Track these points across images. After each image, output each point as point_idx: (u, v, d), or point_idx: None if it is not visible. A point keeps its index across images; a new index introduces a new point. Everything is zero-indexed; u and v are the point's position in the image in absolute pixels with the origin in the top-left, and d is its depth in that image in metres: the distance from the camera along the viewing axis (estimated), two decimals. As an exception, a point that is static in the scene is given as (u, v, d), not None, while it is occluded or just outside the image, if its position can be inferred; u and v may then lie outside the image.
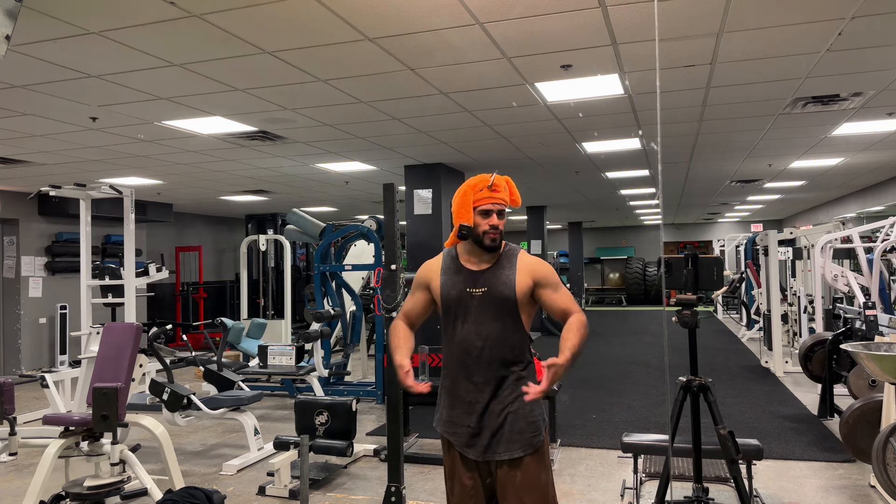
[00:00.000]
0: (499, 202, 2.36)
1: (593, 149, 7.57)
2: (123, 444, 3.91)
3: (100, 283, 6.29)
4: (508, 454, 2.29)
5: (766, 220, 20.90)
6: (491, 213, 2.35)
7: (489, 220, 2.34)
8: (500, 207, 2.36)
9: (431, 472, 4.87)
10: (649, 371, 8.84)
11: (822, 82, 4.94)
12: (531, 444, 2.31)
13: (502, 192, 2.38)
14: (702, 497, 3.15)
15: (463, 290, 2.37)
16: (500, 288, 2.33)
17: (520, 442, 2.30)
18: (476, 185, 2.37)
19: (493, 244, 2.35)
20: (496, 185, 2.36)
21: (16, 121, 5.54)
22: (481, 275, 2.37)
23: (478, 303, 2.34)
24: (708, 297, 16.95)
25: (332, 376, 7.61)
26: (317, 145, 6.91)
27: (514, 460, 2.30)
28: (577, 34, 3.82)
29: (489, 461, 2.33)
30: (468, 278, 2.38)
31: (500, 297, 2.33)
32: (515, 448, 2.29)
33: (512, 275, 2.35)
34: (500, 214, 2.37)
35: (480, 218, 2.35)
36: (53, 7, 3.27)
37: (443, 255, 2.50)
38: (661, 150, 8.12)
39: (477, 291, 2.35)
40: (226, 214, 14.94)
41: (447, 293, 2.39)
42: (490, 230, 2.34)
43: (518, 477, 2.29)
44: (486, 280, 2.35)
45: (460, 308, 2.36)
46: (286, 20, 3.52)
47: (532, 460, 2.31)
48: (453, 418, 2.38)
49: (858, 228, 7.49)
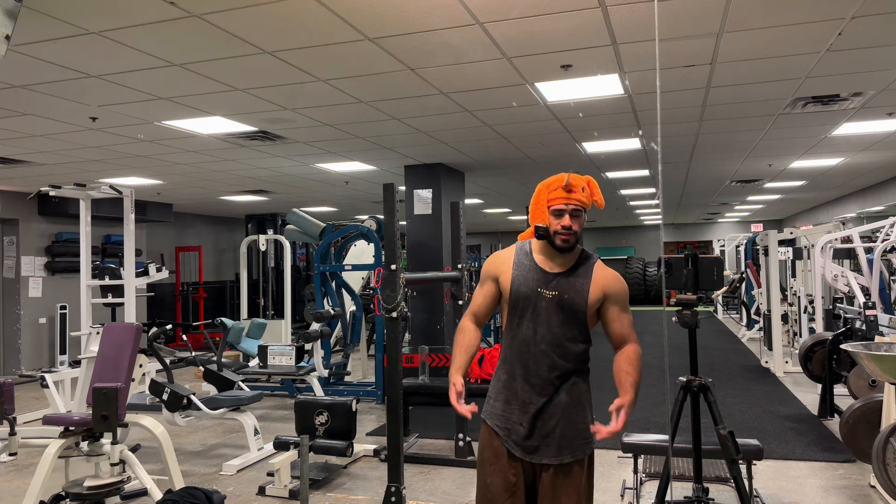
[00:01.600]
0: (573, 202, 2.28)
1: (593, 149, 7.56)
2: (123, 444, 3.91)
3: (100, 283, 6.29)
4: (558, 459, 2.27)
5: (766, 220, 20.90)
6: (563, 214, 2.28)
7: (561, 221, 2.28)
8: (573, 207, 2.28)
9: (431, 472, 4.87)
10: (649, 371, 8.79)
11: (822, 82, 4.94)
12: (582, 451, 2.29)
13: (577, 193, 2.29)
14: (702, 497, 3.15)
15: (534, 288, 2.31)
16: (572, 295, 2.28)
17: (570, 448, 2.28)
18: (551, 185, 2.33)
19: (564, 245, 2.28)
20: (571, 184, 2.29)
21: (16, 121, 5.54)
22: (555, 277, 2.31)
23: (546, 304, 2.29)
24: (708, 297, 16.95)
25: (332, 376, 7.62)
26: (317, 145, 6.91)
27: (562, 465, 2.27)
28: (577, 34, 3.82)
29: (534, 463, 2.30)
30: (541, 278, 2.32)
31: (571, 304, 2.28)
32: (566, 454, 2.27)
33: (587, 284, 2.30)
34: (573, 216, 2.28)
35: (553, 218, 2.30)
36: (53, 7, 3.27)
37: (515, 248, 2.43)
38: (661, 150, 8.11)
39: (548, 293, 2.29)
40: (226, 214, 14.94)
41: (517, 289, 2.32)
42: (562, 231, 2.27)
43: (561, 481, 2.27)
44: (559, 284, 2.30)
45: (528, 306, 2.30)
46: (286, 20, 3.52)
47: (578, 467, 2.29)
48: (506, 414, 2.33)
49: (858, 228, 7.49)
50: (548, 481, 2.28)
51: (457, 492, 4.42)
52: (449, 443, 5.47)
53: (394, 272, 3.73)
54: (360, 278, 9.89)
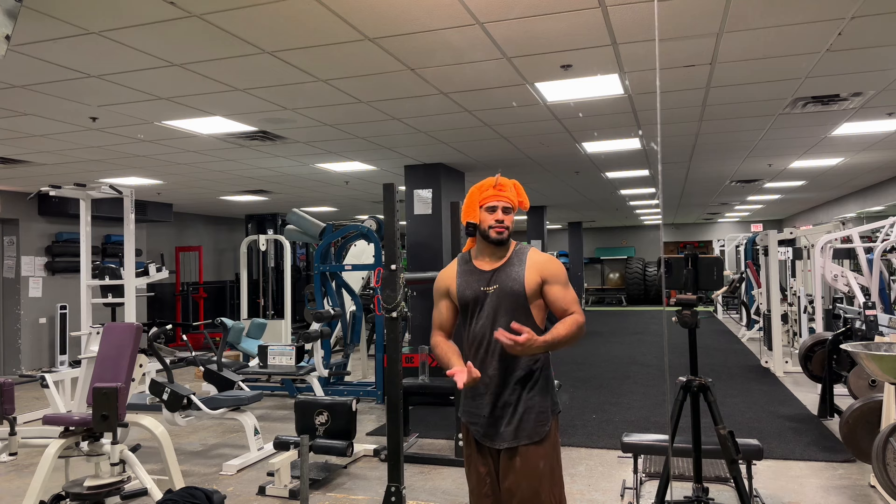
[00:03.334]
0: (503, 199, 2.48)
1: (593, 149, 7.57)
2: (123, 444, 3.92)
3: (100, 283, 6.29)
4: (514, 442, 2.40)
5: (766, 220, 20.90)
6: (496, 209, 2.47)
7: (494, 216, 2.47)
8: (504, 204, 2.48)
9: (431, 472, 4.87)
10: (649, 371, 8.84)
11: (822, 82, 4.94)
12: (536, 433, 2.41)
13: (507, 191, 2.51)
14: (702, 497, 3.15)
15: (477, 288, 2.49)
16: (510, 284, 2.44)
17: (525, 431, 2.40)
18: (482, 186, 2.53)
19: (498, 237, 2.46)
20: (501, 184, 2.51)
21: (16, 121, 5.54)
22: (493, 273, 2.48)
23: (491, 300, 2.45)
24: (708, 297, 16.95)
25: (332, 376, 7.62)
26: (317, 145, 6.91)
27: (514, 448, 2.40)
28: (577, 34, 3.82)
29: (492, 448, 2.46)
30: (481, 277, 2.50)
31: (511, 293, 2.43)
32: (521, 436, 2.40)
33: (521, 271, 2.45)
34: (505, 211, 2.48)
35: (486, 214, 2.48)
36: (53, 7, 3.27)
37: (457, 261, 2.63)
38: (661, 150, 8.12)
39: (490, 289, 2.47)
40: (226, 214, 14.94)
41: (463, 293, 2.51)
42: (495, 224, 2.46)
43: (517, 461, 2.39)
44: (497, 278, 2.47)
45: (476, 306, 2.48)
46: (286, 20, 3.52)
47: (535, 447, 2.40)
48: (471, 408, 2.51)
49: (858, 228, 7.49)
50: (504, 465, 2.42)
51: (457, 492, 4.42)
52: (449, 443, 5.47)
53: (394, 272, 3.73)
54: (360, 278, 9.89)
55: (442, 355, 2.52)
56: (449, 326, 2.62)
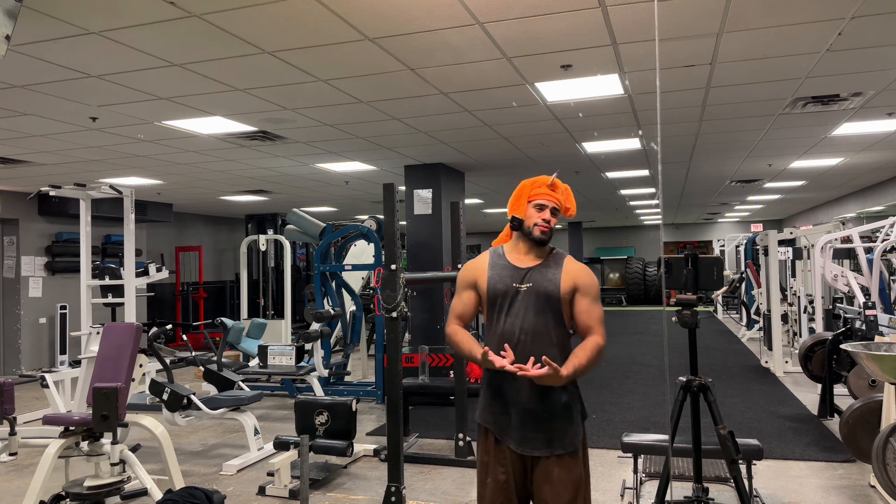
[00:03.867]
0: (553, 200, 2.45)
1: (593, 149, 7.57)
2: (123, 444, 3.91)
3: (100, 283, 6.29)
4: (549, 451, 2.32)
5: (766, 220, 20.90)
6: (545, 208, 2.43)
7: (541, 214, 2.42)
8: (554, 204, 2.44)
9: (431, 472, 4.87)
10: (649, 371, 8.84)
11: (822, 82, 4.94)
12: (571, 443, 2.34)
13: (559, 193, 2.47)
14: (702, 497, 3.15)
15: (509, 284, 2.41)
16: (545, 285, 2.38)
17: (560, 441, 2.33)
18: (536, 182, 2.48)
19: (542, 237, 2.41)
20: (556, 184, 2.47)
21: (16, 121, 5.54)
22: (528, 271, 2.42)
23: (522, 297, 2.38)
24: (708, 297, 16.95)
25: (332, 376, 7.61)
26: (317, 145, 6.91)
27: (553, 457, 2.32)
28: (577, 34, 3.82)
29: (524, 456, 2.35)
30: (515, 274, 2.43)
31: (545, 294, 2.37)
32: (556, 446, 2.32)
33: (558, 274, 2.40)
34: (553, 212, 2.44)
35: (534, 211, 2.44)
36: (53, 7, 3.27)
37: (489, 253, 2.55)
38: (661, 150, 8.11)
39: (522, 287, 2.39)
40: (226, 214, 14.94)
41: (494, 287, 2.43)
42: (541, 223, 2.41)
43: (556, 471, 2.32)
44: (531, 276, 2.40)
45: (505, 302, 2.40)
46: (286, 20, 3.52)
47: (571, 458, 2.34)
48: (494, 409, 2.40)
49: (858, 228, 7.49)
50: (541, 474, 2.33)
51: (457, 492, 4.42)
52: (449, 443, 5.47)
53: (394, 272, 3.73)
54: (360, 278, 9.89)
55: (462, 343, 2.43)
56: (468, 317, 2.53)
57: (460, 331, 2.49)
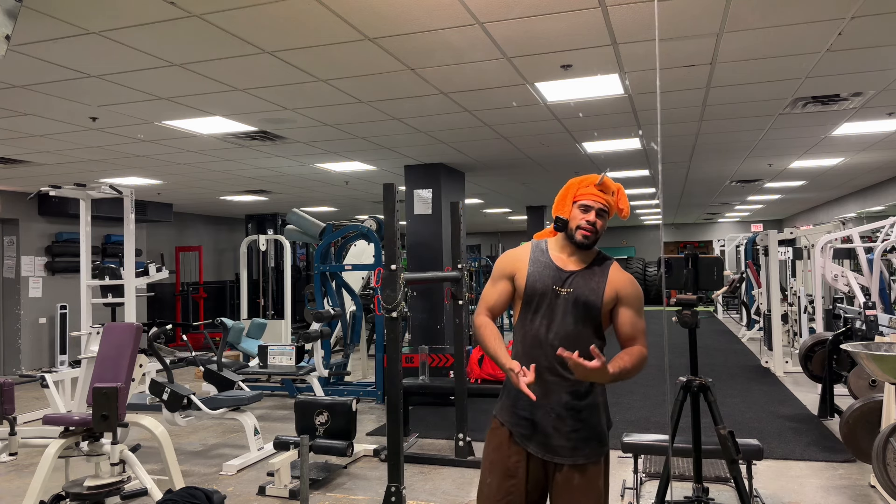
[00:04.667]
0: (601, 201, 2.28)
1: (593, 149, 7.56)
2: (123, 444, 3.91)
3: (100, 283, 6.29)
4: (572, 459, 2.23)
5: (766, 220, 20.89)
6: (590, 210, 2.27)
7: (586, 216, 2.27)
8: (601, 206, 2.27)
9: (431, 472, 4.87)
10: (649, 371, 8.78)
11: (822, 82, 4.94)
12: (596, 453, 2.26)
13: (608, 194, 2.30)
14: (702, 497, 3.15)
15: (549, 285, 2.27)
16: (587, 293, 2.25)
17: (584, 451, 2.24)
18: (584, 181, 2.33)
19: (584, 241, 2.26)
20: (606, 184, 2.30)
21: (16, 121, 5.54)
22: (571, 275, 2.28)
23: (562, 302, 2.26)
24: (708, 297, 16.95)
25: (332, 376, 7.61)
26: (317, 145, 6.91)
27: (576, 466, 2.24)
28: (577, 34, 3.82)
29: (546, 461, 2.27)
30: (557, 275, 2.29)
31: (585, 302, 2.25)
32: (580, 455, 2.24)
33: (602, 283, 2.27)
34: (599, 214, 2.28)
35: (579, 212, 2.29)
36: (53, 7, 3.27)
37: (531, 246, 2.40)
38: (661, 150, 8.11)
39: (563, 290, 2.26)
40: (226, 214, 14.94)
41: (533, 284, 2.29)
42: (585, 225, 2.26)
43: (577, 482, 2.23)
44: (574, 281, 2.27)
45: (543, 303, 2.27)
46: (286, 20, 3.52)
47: (594, 468, 2.26)
48: (517, 410, 2.29)
49: (858, 228, 7.49)
50: (563, 482, 2.24)
51: (457, 492, 4.42)
52: (449, 443, 5.47)
53: (394, 272, 3.73)
54: (360, 278, 9.88)
55: (488, 340, 2.29)
56: (499, 310, 2.38)
57: (490, 325, 2.35)
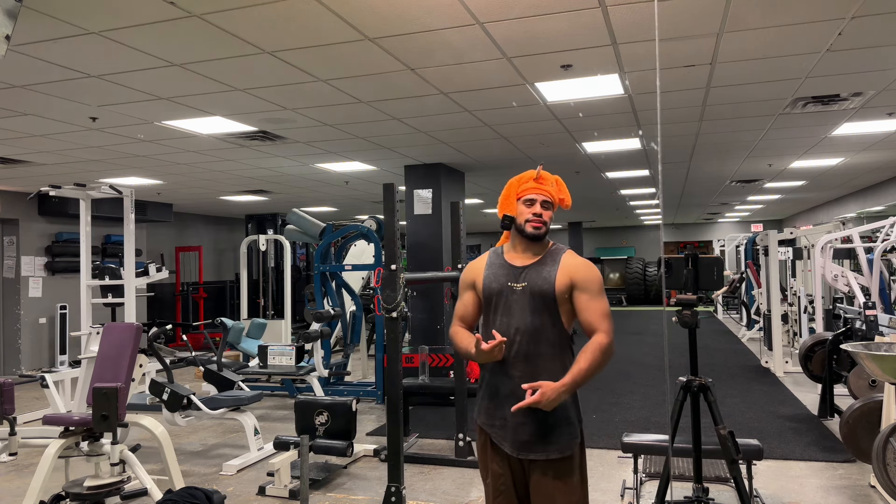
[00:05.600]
0: (543, 192, 2.37)
1: (593, 149, 7.57)
2: (123, 444, 3.91)
3: (100, 283, 6.29)
4: (545, 455, 2.28)
5: (766, 220, 20.89)
6: (534, 202, 2.36)
7: (532, 209, 2.36)
8: (544, 197, 2.37)
9: (431, 472, 4.87)
10: (649, 371, 8.84)
11: (822, 82, 4.94)
12: (568, 446, 2.30)
13: (548, 185, 2.40)
14: (702, 497, 3.15)
15: (504, 283, 2.36)
16: (539, 283, 2.32)
17: (556, 445, 2.28)
18: (522, 178, 2.42)
19: (535, 232, 2.35)
20: (542, 176, 2.39)
21: (16, 121, 5.54)
22: (523, 270, 2.36)
23: (518, 297, 2.33)
24: (708, 297, 16.95)
25: (332, 376, 7.62)
26: (317, 145, 6.91)
27: (550, 461, 2.28)
28: (577, 34, 3.82)
29: (522, 459, 2.32)
30: (511, 273, 2.38)
31: (539, 293, 2.31)
32: (552, 450, 2.28)
33: (553, 271, 2.33)
34: (544, 205, 2.37)
35: (524, 207, 2.38)
36: (53, 7, 3.27)
37: (489, 253, 2.51)
38: (661, 150, 8.11)
39: (517, 286, 2.34)
40: (226, 214, 14.94)
41: (489, 286, 2.39)
42: (532, 218, 2.35)
43: (551, 474, 2.28)
44: (527, 275, 2.35)
45: (500, 301, 2.36)
46: (286, 20, 3.52)
47: (568, 462, 2.30)
48: (491, 410, 2.37)
49: (858, 228, 7.49)
50: (539, 477, 2.30)
51: (457, 492, 4.42)
52: (449, 443, 5.47)
53: (394, 272, 3.73)
54: (360, 278, 9.89)
55: (459, 342, 2.40)
56: (471, 319, 2.48)
57: (461, 330, 2.46)
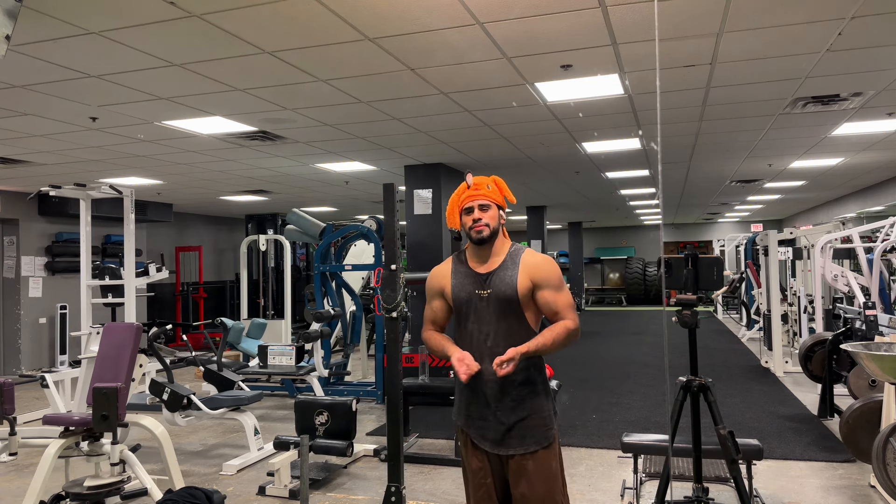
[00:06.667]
0: (478, 197, 2.46)
1: (593, 149, 7.57)
2: (123, 444, 3.91)
3: (100, 283, 6.29)
4: (523, 449, 2.38)
5: (766, 220, 20.89)
6: (472, 210, 2.45)
7: (472, 216, 2.45)
8: (480, 202, 2.45)
9: (431, 472, 4.87)
10: (649, 371, 8.84)
11: (822, 82, 4.94)
12: (545, 437, 2.39)
13: (482, 189, 2.48)
14: (702, 497, 3.15)
15: (472, 291, 2.46)
16: (503, 288, 2.40)
17: (533, 437, 2.38)
18: (458, 191, 2.52)
19: (478, 236, 2.43)
20: (474, 184, 2.49)
21: (16, 121, 5.54)
22: (487, 276, 2.45)
23: (485, 304, 2.42)
24: (708, 297, 16.95)
25: (332, 376, 7.61)
26: (317, 145, 6.91)
27: (527, 454, 2.38)
28: (577, 34, 3.82)
29: (501, 455, 2.41)
30: (476, 280, 2.46)
31: (504, 298, 2.40)
32: (529, 443, 2.38)
33: (514, 275, 2.41)
34: (482, 208, 2.45)
35: (465, 217, 2.47)
36: (53, 7, 3.27)
37: (451, 259, 2.59)
38: (661, 150, 8.12)
39: (483, 293, 2.43)
40: (226, 214, 14.94)
41: (458, 295, 2.48)
42: (473, 224, 2.43)
43: (530, 465, 2.37)
44: (491, 281, 2.43)
45: (470, 308, 2.45)
46: (286, 20, 3.52)
47: (545, 452, 2.39)
48: (469, 412, 2.47)
49: (858, 228, 7.49)
50: (516, 470, 2.39)
51: (457, 492, 4.42)
52: (449, 443, 5.47)
53: (394, 272, 3.73)
54: (360, 278, 9.89)
55: (437, 345, 2.51)
56: (442, 322, 2.59)
57: (434, 333, 2.57)
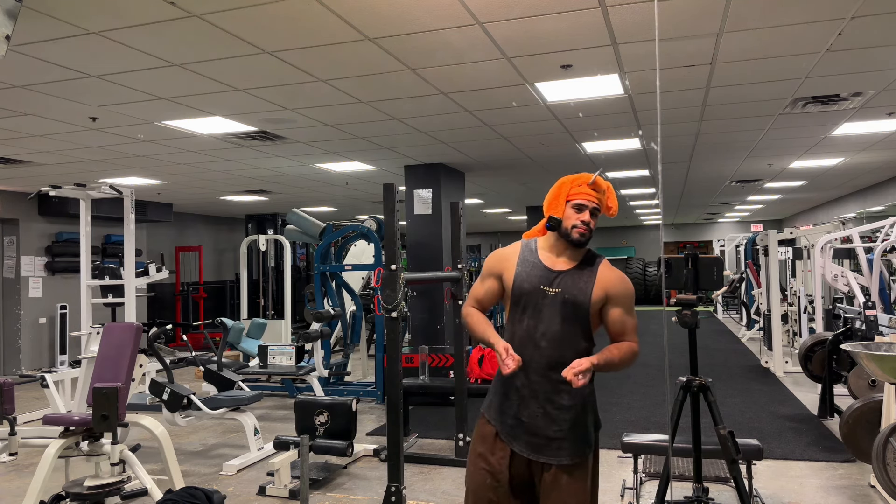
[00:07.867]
0: (595, 200, 2.30)
1: (593, 149, 7.57)
2: (123, 444, 3.91)
3: (100, 283, 6.29)
4: (557, 460, 2.24)
5: (766, 220, 20.90)
6: (585, 209, 2.29)
7: (581, 216, 2.28)
8: (595, 205, 2.30)
9: (431, 472, 4.87)
10: (649, 371, 8.83)
11: (822, 82, 4.94)
12: (583, 452, 2.26)
13: (600, 193, 2.32)
14: (702, 497, 3.15)
15: (537, 285, 2.28)
16: (575, 293, 2.26)
17: (570, 450, 2.24)
18: (577, 179, 2.33)
19: (580, 239, 2.28)
20: (598, 183, 2.31)
21: (16, 121, 5.54)
22: (559, 275, 2.29)
23: (549, 302, 2.26)
24: (708, 297, 16.95)
25: (332, 376, 7.61)
26: (317, 145, 6.91)
27: (563, 466, 2.24)
28: (577, 34, 3.82)
29: (532, 460, 2.27)
30: (545, 275, 2.29)
31: (574, 302, 2.26)
32: (564, 455, 2.24)
33: (591, 282, 2.27)
34: (593, 213, 2.30)
35: (573, 211, 2.30)
36: (53, 7, 3.27)
37: (520, 245, 2.42)
38: (661, 150, 8.12)
39: (551, 291, 2.27)
40: (226, 214, 14.94)
41: (520, 285, 2.30)
42: (580, 225, 2.27)
43: (565, 482, 2.23)
44: (562, 281, 2.28)
45: (530, 303, 2.28)
46: (286, 20, 3.52)
47: (581, 468, 2.26)
48: (504, 408, 2.30)
49: (858, 228, 7.49)
50: (550, 482, 2.24)
51: (457, 492, 4.42)
52: (449, 443, 5.47)
53: (394, 272, 3.73)
54: (360, 278, 9.88)
55: (478, 326, 2.34)
56: (487, 304, 2.41)
57: (476, 312, 2.40)
